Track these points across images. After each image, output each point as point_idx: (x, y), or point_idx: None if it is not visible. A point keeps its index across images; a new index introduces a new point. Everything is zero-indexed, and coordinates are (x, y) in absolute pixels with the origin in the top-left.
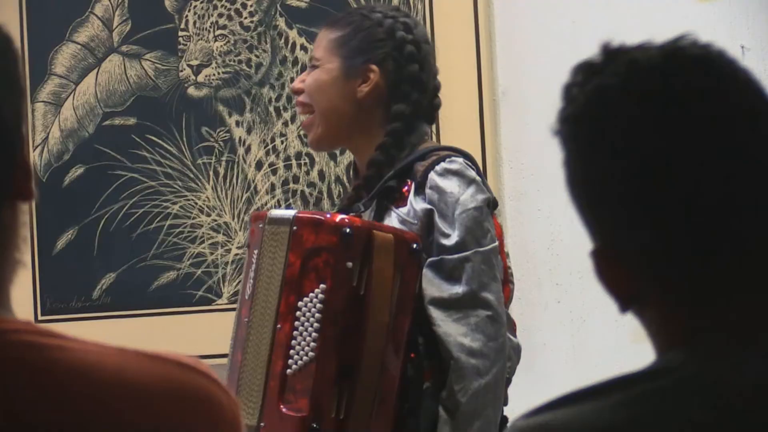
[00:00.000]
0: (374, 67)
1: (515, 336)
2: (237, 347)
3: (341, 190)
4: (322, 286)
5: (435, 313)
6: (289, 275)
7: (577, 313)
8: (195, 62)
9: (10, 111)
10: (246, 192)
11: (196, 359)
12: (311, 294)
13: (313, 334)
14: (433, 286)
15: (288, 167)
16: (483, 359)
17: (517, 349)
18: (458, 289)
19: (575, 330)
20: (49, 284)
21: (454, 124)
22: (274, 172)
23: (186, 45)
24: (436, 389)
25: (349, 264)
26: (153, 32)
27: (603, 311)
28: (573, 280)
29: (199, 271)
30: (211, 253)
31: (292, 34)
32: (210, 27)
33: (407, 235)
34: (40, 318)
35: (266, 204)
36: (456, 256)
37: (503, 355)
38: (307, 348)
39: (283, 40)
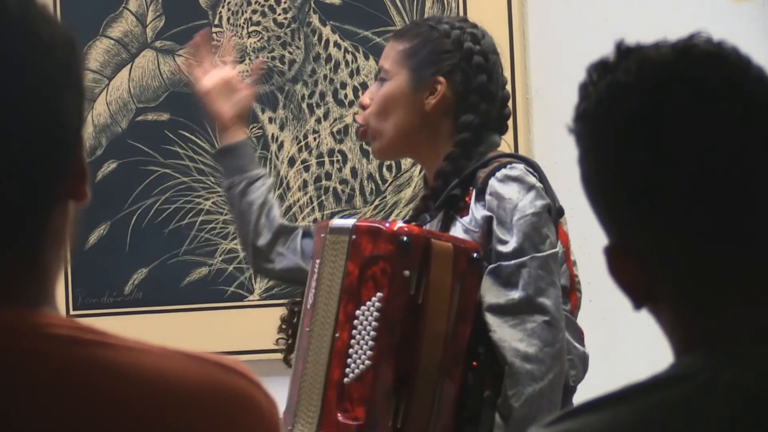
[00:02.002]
0: (442, 79)
1: (582, 344)
2: (299, 357)
3: (374, 187)
4: (378, 294)
5: (491, 320)
6: (347, 284)
7: (609, 312)
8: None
9: (72, 111)
10: (278, 189)
11: (236, 360)
12: (368, 302)
13: (370, 343)
14: (490, 292)
15: (320, 164)
16: (538, 364)
17: (583, 358)
18: (514, 295)
19: (607, 329)
20: (81, 279)
21: None
22: (307, 168)
23: (219, 41)
24: (496, 397)
25: (407, 273)
26: (186, 28)
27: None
28: (605, 278)
29: (230, 268)
30: (243, 250)
31: (326, 31)
32: (243, 23)
33: (467, 244)
34: (71, 313)
35: (298, 200)
36: (513, 262)
37: (560, 362)
38: (363, 356)
39: (316, 37)
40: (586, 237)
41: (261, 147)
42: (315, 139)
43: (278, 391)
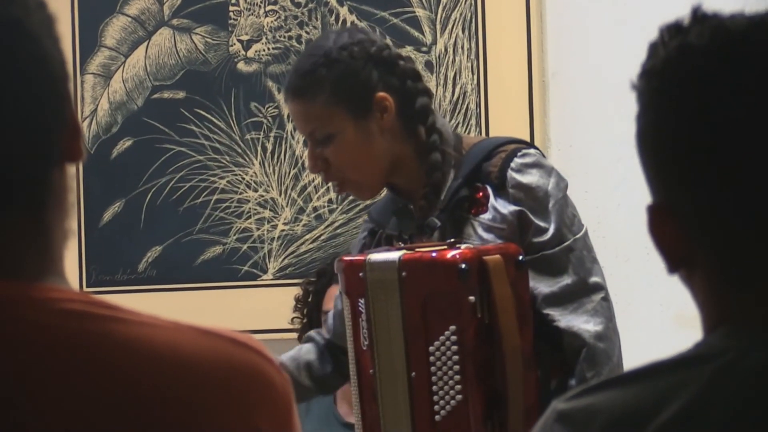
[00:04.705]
0: (382, 93)
1: None
2: (368, 399)
3: None
4: (452, 327)
5: (550, 310)
6: (411, 322)
7: (621, 296)
8: (245, 37)
9: (56, 66)
10: (293, 168)
11: (249, 336)
12: (442, 337)
13: (455, 377)
14: (540, 284)
15: None
16: (608, 342)
17: None
18: (567, 280)
19: (619, 313)
20: (95, 256)
21: (504, 105)
22: None
23: (236, 20)
24: (561, 386)
25: (472, 298)
26: (204, 6)
27: (648, 295)
28: (619, 263)
29: (245, 247)
30: (258, 229)
31: (343, 11)
32: (261, 2)
33: (510, 249)
34: (85, 290)
35: (313, 180)
36: (558, 248)
37: (618, 335)
38: (452, 391)
39: (333, 17)
40: (600, 221)
41: (277, 126)
42: None
43: None
